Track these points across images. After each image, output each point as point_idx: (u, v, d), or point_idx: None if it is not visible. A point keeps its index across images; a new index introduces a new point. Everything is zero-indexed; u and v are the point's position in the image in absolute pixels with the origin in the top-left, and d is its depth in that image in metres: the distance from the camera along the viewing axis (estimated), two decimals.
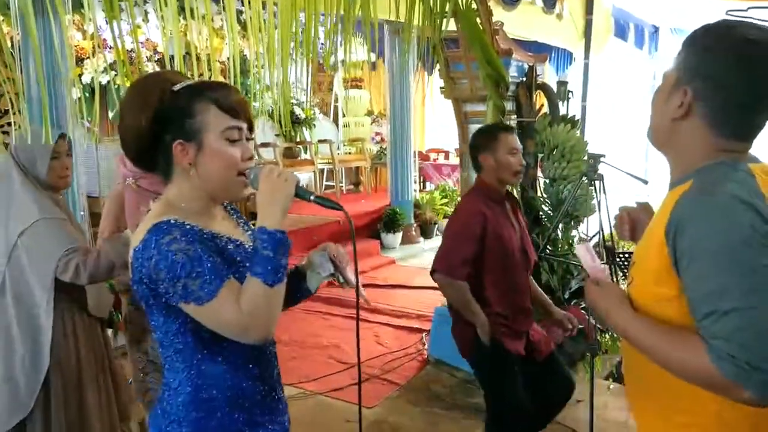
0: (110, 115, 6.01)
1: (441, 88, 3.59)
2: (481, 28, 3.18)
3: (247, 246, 1.30)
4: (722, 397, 1.02)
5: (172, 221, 1.18)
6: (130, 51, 6.05)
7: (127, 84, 6.61)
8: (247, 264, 1.22)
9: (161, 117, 1.22)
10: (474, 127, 3.58)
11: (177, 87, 1.23)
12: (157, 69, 6.17)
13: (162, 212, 1.21)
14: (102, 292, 2.19)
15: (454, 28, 3.20)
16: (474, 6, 3.18)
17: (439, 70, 3.45)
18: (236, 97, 1.24)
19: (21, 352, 1.97)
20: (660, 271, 1.06)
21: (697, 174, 1.07)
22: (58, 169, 2.02)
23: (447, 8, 2.90)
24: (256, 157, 1.34)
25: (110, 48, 5.90)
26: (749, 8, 6.32)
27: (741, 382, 0.96)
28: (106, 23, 5.73)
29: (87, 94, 5.77)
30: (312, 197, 1.24)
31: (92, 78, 5.68)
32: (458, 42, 3.32)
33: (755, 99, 1.05)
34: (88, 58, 5.57)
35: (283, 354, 3.64)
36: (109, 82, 5.72)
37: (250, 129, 1.27)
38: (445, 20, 2.96)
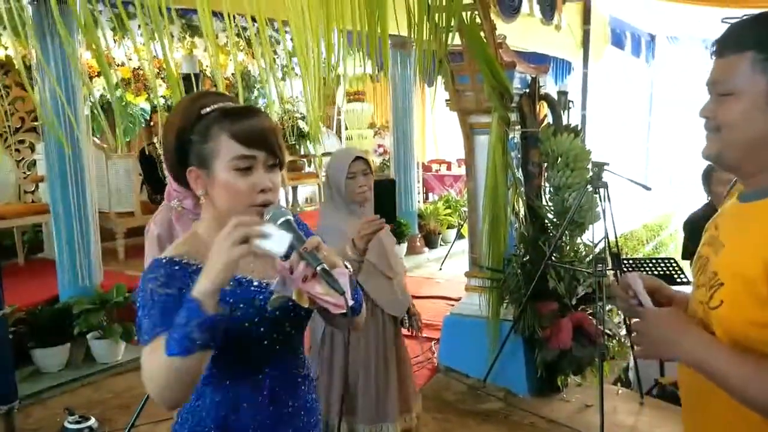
0: (118, 131, 6.10)
1: (447, 100, 3.67)
2: (485, 41, 3.27)
3: (257, 283, 1.22)
4: None
5: (165, 260, 1.16)
6: (137, 69, 6.15)
7: (136, 101, 6.65)
8: (241, 305, 1.18)
9: (184, 136, 1.17)
10: (479, 138, 3.67)
11: (205, 110, 1.16)
12: (163, 86, 6.29)
13: (176, 245, 1.22)
14: (395, 291, 2.37)
15: (459, 42, 3.28)
16: (478, 20, 3.27)
17: (444, 83, 3.52)
18: (254, 125, 1.15)
19: None
20: (765, 292, 0.92)
21: None
22: (353, 187, 2.25)
23: (452, 23, 2.98)
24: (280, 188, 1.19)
25: (119, 66, 6.02)
26: (744, 16, 6.41)
27: None
28: (114, 42, 5.81)
29: (95, 112, 5.86)
30: (319, 268, 1.05)
31: (101, 95, 5.77)
32: (463, 55, 3.39)
33: None
34: (98, 75, 5.65)
35: None
36: (117, 98, 5.82)
37: (275, 159, 1.17)
38: (450, 34, 3.03)
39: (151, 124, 5.83)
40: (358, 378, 2.31)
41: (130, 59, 5.92)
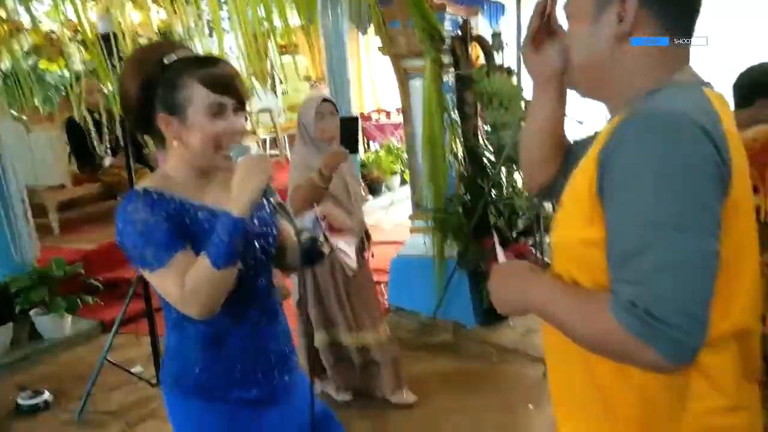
0: (37, 101, 5.77)
1: (379, 47, 3.64)
2: None
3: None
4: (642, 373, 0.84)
5: (142, 191, 1.23)
6: (51, 32, 5.78)
7: (52, 68, 6.30)
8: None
9: (149, 87, 1.23)
10: (414, 83, 3.68)
11: (167, 60, 1.23)
12: (82, 50, 5.94)
13: (147, 181, 1.28)
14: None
15: None
16: None
17: (375, 28, 3.49)
18: (222, 72, 1.23)
19: None
20: (590, 210, 0.87)
21: (646, 98, 0.89)
22: (321, 125, 2.52)
23: None
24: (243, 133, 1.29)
25: (28, 30, 5.63)
26: None
27: (645, 338, 0.76)
28: (20, 4, 5.45)
29: (8, 83, 5.50)
30: (272, 199, 1.22)
31: (12, 64, 5.42)
32: None
33: None
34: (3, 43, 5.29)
35: None
36: (31, 66, 5.48)
37: (241, 104, 1.26)
38: None
39: (79, 92, 5.53)
40: (331, 297, 2.69)
41: (40, 22, 5.55)
